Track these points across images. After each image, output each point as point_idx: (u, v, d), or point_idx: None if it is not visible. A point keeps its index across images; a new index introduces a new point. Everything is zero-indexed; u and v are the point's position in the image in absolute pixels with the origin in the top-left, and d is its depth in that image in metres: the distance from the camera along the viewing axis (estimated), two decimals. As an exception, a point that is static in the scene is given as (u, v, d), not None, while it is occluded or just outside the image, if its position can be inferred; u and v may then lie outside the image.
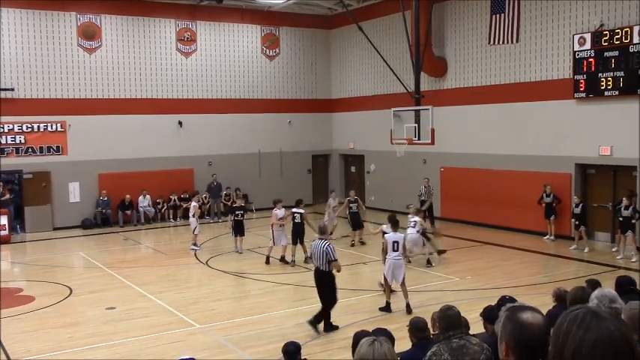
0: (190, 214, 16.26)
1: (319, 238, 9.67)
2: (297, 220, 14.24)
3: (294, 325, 9.82)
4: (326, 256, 9.33)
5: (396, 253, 10.39)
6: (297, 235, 14.24)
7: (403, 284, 10.51)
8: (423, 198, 18.51)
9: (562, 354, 1.60)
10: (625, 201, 13.81)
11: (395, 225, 10.79)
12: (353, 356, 4.20)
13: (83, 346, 9.14)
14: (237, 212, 15.65)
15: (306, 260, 13.99)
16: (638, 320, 3.30)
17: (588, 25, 15.49)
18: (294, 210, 14.35)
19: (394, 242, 10.45)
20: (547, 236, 16.44)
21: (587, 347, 1.55)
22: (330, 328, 9.52)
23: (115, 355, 8.76)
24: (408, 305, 10.31)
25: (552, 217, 16.25)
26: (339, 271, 9.62)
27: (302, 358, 5.83)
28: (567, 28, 16.05)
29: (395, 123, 17.10)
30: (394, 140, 17.14)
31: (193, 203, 16.25)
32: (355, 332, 4.91)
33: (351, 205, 16.54)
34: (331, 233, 14.65)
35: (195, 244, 16.09)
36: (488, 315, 5.36)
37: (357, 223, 16.42)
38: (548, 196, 16.17)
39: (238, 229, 15.54)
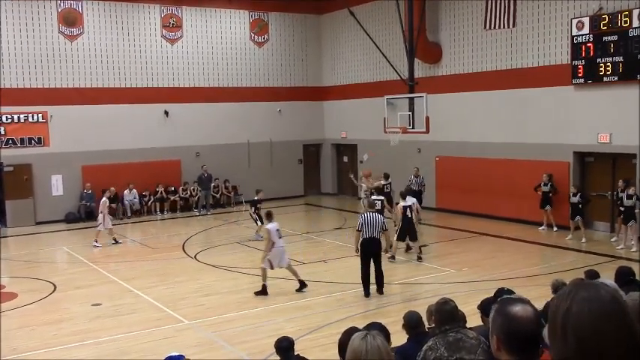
0: (99, 210, 16.18)
1: (369, 212, 10.93)
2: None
3: (287, 320, 9.69)
4: (384, 225, 10.75)
5: (282, 240, 11.22)
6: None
7: (290, 267, 11.25)
8: (414, 188, 18.09)
9: (555, 329, 1.60)
10: (629, 190, 13.49)
11: (269, 216, 11.73)
12: (339, 355, 4.06)
13: (69, 344, 8.98)
14: (257, 206, 16.06)
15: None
16: (639, 311, 3.13)
17: (587, 8, 15.18)
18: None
19: (277, 230, 11.15)
20: (542, 227, 16.06)
21: (574, 314, 1.54)
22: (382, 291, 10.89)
23: (102, 353, 8.63)
24: (301, 282, 11.10)
25: (548, 207, 15.78)
26: (388, 239, 11.55)
27: (295, 353, 5.71)
28: (565, 12, 15.73)
29: (388, 111, 16.91)
30: (388, 129, 16.92)
31: (103, 199, 16.33)
32: (343, 331, 4.38)
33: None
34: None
35: (96, 242, 15.89)
36: (486, 308, 5.24)
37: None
38: (545, 184, 15.75)
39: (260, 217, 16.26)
